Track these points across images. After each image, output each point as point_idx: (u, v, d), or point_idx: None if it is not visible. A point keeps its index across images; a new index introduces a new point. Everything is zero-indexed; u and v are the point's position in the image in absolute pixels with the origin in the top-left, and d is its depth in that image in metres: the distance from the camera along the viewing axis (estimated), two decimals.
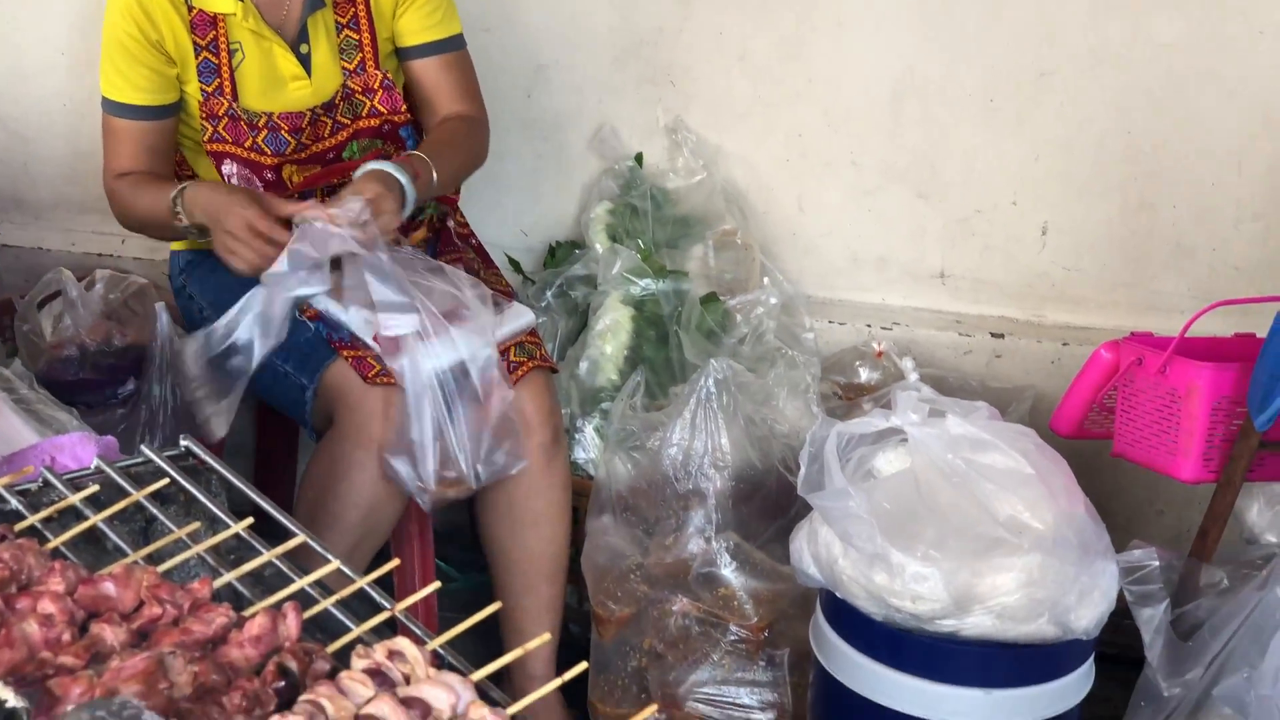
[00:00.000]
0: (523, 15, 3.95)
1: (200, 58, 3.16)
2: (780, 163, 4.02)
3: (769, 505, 3.28)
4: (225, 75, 3.18)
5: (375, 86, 3.25)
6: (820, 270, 4.07)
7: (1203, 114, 3.73)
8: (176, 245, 3.45)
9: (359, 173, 3.03)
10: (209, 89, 3.18)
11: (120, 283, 3.63)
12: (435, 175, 3.12)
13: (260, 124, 3.20)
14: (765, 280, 3.89)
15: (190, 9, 3.15)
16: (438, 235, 3.49)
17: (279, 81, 3.22)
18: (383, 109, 3.27)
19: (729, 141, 4.02)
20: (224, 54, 3.17)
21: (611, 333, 3.63)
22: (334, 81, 3.24)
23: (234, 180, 3.25)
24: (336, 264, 2.96)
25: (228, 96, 3.18)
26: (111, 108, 3.23)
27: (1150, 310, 3.83)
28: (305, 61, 3.22)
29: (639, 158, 4.03)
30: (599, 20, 3.97)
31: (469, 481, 3.02)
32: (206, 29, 3.16)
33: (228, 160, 3.23)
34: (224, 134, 3.21)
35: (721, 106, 4.00)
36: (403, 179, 3.01)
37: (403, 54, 3.33)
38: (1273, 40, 3.63)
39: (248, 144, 3.21)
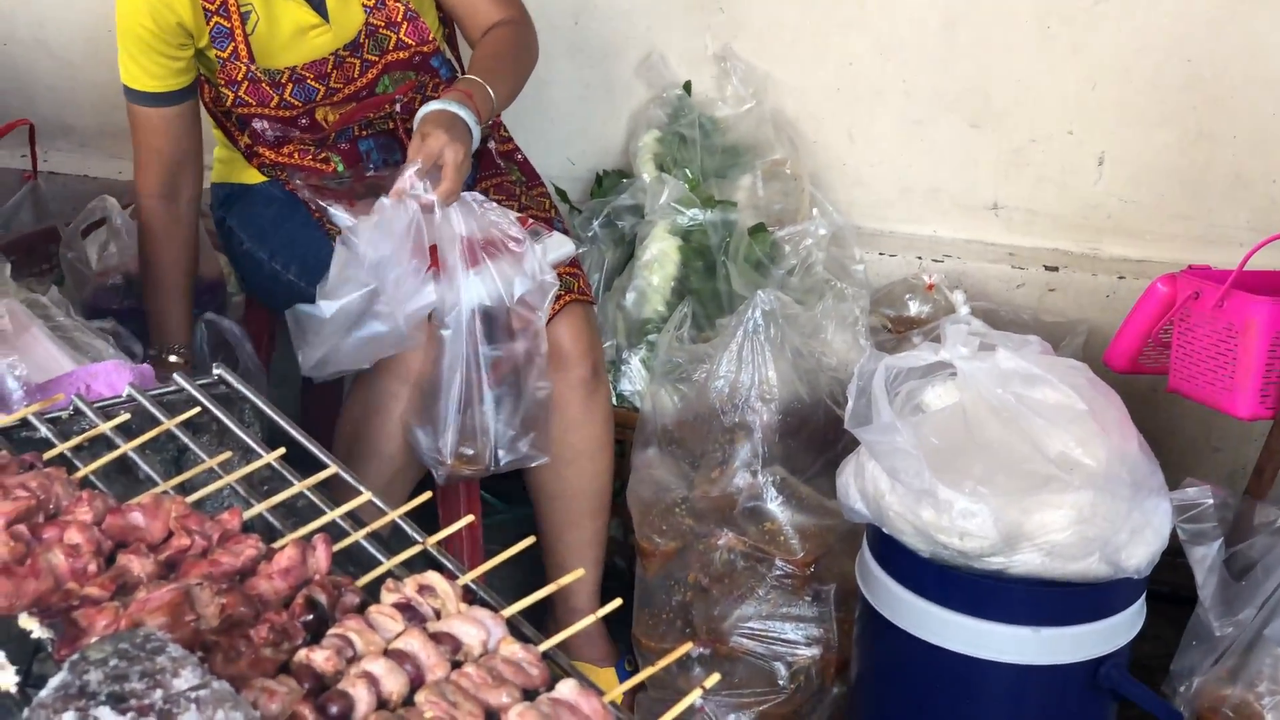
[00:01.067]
0: None
1: (212, 23, 3.08)
2: (830, 91, 3.96)
3: (816, 439, 3.26)
4: (239, 39, 3.10)
5: (399, 19, 3.15)
6: (870, 201, 4.02)
7: (1263, 41, 3.64)
8: (216, 177, 3.43)
9: (419, 115, 2.91)
10: (224, 54, 3.11)
11: None
12: (494, 96, 3.01)
13: (283, 80, 3.14)
14: (814, 211, 3.85)
15: None
16: (478, 157, 3.42)
17: (298, 35, 3.13)
18: (410, 41, 3.18)
19: (778, 70, 3.96)
20: (235, 17, 3.08)
21: (659, 263, 3.60)
22: (355, 20, 3.14)
23: (267, 134, 3.25)
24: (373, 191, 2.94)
25: (244, 60, 3.11)
26: (134, 96, 3.18)
27: (1208, 243, 3.77)
28: (320, 7, 3.13)
29: (687, 86, 3.98)
30: None
31: (486, 463, 3.00)
32: None
33: (256, 119, 3.20)
34: (246, 98, 3.16)
35: (771, 34, 3.94)
36: (464, 114, 2.89)
37: None
38: None
39: (274, 104, 3.16)
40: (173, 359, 3.25)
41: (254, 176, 3.32)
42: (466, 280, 2.88)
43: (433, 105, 2.90)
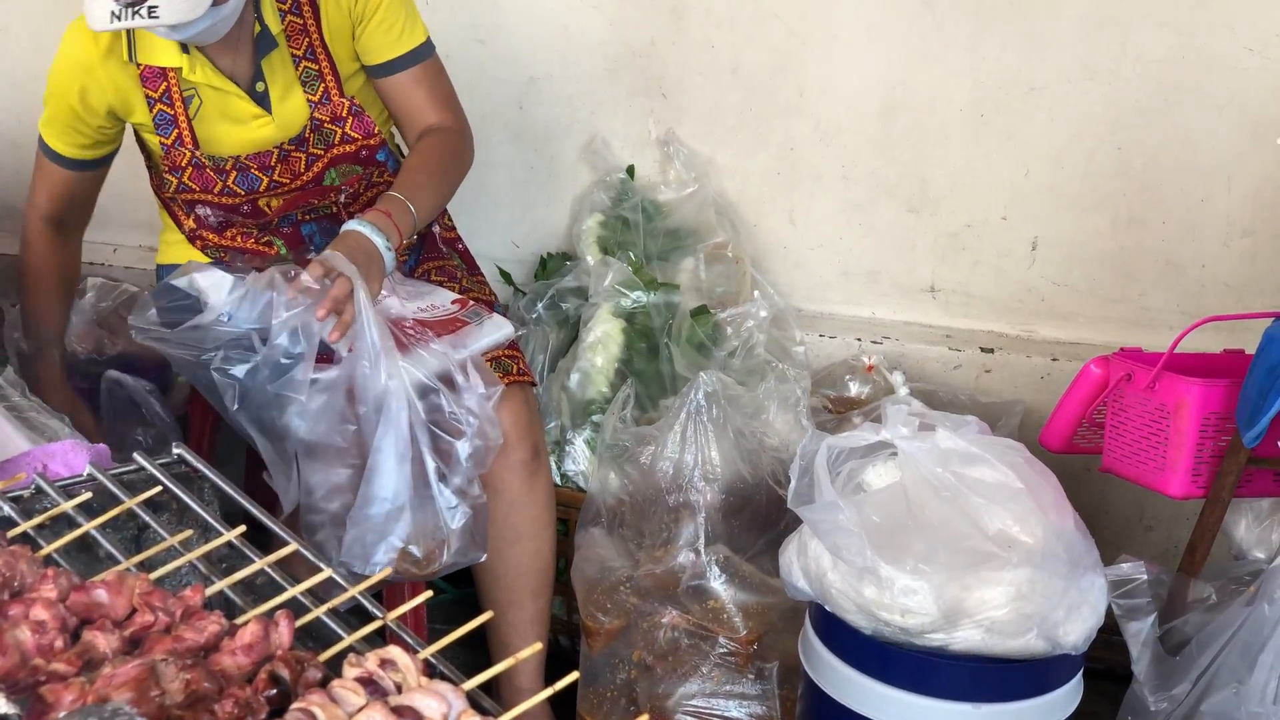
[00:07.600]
0: (515, 26, 3.95)
1: (155, 110, 3.13)
2: (771, 175, 4.03)
3: (758, 518, 3.29)
4: (183, 125, 3.14)
5: (344, 114, 3.19)
6: (811, 283, 4.08)
7: (1192, 130, 3.73)
8: (160, 259, 3.44)
9: (344, 229, 2.93)
10: (168, 141, 3.15)
11: (111, 291, 3.63)
12: (415, 213, 3.01)
13: (228, 167, 3.16)
14: (755, 293, 3.89)
15: (137, 65, 3.09)
16: (421, 240, 3.47)
17: (239, 123, 3.16)
18: (355, 135, 3.21)
19: (720, 154, 4.03)
20: (179, 104, 3.12)
21: (602, 345, 3.63)
22: (299, 115, 3.17)
23: (209, 220, 3.26)
24: None
25: (189, 146, 3.15)
26: (45, 149, 3.26)
27: (1139, 326, 3.84)
28: (263, 100, 3.15)
29: (630, 170, 4.04)
30: (591, 32, 3.97)
31: (438, 565, 2.91)
32: (157, 81, 3.10)
33: (200, 205, 3.23)
34: (190, 184, 3.19)
35: (713, 119, 4.01)
36: (381, 244, 2.90)
37: (370, 72, 3.25)
38: (1261, 57, 3.63)
39: (217, 189, 3.19)
40: (55, 352, 3.33)
41: (198, 258, 3.33)
42: (397, 365, 2.81)
43: (353, 226, 2.91)
